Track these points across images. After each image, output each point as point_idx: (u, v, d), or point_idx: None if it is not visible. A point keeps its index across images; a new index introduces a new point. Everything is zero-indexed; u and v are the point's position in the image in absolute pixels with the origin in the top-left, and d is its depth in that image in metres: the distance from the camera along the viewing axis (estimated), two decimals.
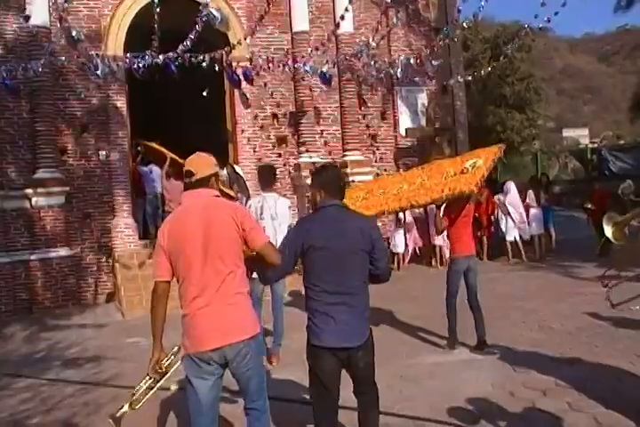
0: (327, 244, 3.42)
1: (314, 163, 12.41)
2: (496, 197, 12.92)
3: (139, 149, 12.03)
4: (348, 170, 12.54)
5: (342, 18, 11.40)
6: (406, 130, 13.67)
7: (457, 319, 6.49)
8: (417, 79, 13.69)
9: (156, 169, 12.00)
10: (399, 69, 13.00)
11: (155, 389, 3.48)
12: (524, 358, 5.87)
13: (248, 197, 7.03)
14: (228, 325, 3.29)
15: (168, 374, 3.48)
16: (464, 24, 11.82)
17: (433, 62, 12.66)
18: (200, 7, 9.52)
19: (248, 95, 12.40)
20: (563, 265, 11.27)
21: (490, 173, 6.76)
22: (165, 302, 3.43)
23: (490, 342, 6.32)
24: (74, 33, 10.76)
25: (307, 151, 12.63)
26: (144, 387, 3.47)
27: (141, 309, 9.79)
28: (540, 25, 10.55)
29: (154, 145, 11.07)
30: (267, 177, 6.55)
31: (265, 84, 12.52)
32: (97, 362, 6.99)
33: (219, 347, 3.26)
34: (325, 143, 13.05)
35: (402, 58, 12.73)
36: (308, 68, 11.61)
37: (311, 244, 3.43)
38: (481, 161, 6.38)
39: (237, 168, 11.64)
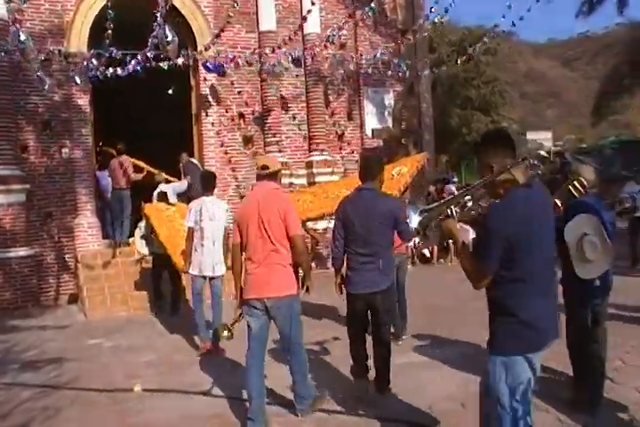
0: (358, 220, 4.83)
1: (282, 163, 12.39)
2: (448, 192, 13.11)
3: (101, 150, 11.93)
4: (314, 170, 12.54)
5: (305, 19, 11.38)
6: (372, 130, 13.72)
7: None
8: (383, 80, 13.78)
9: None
10: (367, 70, 13.08)
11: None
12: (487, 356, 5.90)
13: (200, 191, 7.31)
14: (266, 284, 4.48)
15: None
16: (436, 20, 11.86)
17: (399, 63, 12.73)
18: (155, 25, 9.25)
19: (215, 94, 12.28)
20: None
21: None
22: (240, 260, 4.68)
23: (457, 340, 6.38)
24: (32, 29, 10.51)
25: (274, 151, 12.57)
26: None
27: (104, 309, 9.67)
28: (505, 29, 10.68)
29: (134, 161, 11.16)
30: (207, 183, 7.16)
31: (232, 83, 12.43)
32: (57, 364, 6.80)
33: (258, 298, 4.49)
34: (292, 143, 13.02)
35: (368, 59, 12.78)
36: (272, 69, 11.60)
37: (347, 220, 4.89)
38: (406, 169, 7.08)
39: (194, 160, 11.64)
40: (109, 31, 8.90)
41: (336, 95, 13.50)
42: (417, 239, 4.98)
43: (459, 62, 12.69)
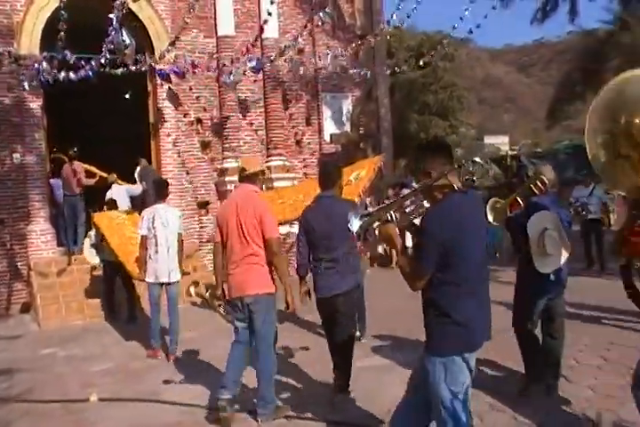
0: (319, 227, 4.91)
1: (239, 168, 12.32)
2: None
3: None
4: (273, 175, 12.50)
5: (265, 22, 11.36)
6: (331, 135, 13.75)
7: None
8: (342, 85, 13.84)
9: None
10: (325, 75, 13.13)
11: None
12: None
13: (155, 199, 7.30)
14: (244, 283, 4.66)
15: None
16: (398, 24, 12.03)
17: (357, 69, 12.81)
18: (110, 28, 9.12)
19: (173, 98, 12.17)
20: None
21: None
22: (220, 257, 4.89)
23: (417, 343, 6.39)
24: None
25: (232, 156, 12.50)
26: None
27: (59, 318, 9.47)
28: (463, 35, 10.84)
29: (86, 166, 11.02)
30: (160, 190, 7.22)
31: (190, 88, 12.32)
32: (7, 376, 6.62)
33: (238, 296, 4.68)
34: (250, 148, 12.96)
35: (327, 64, 12.82)
36: (229, 78, 11.57)
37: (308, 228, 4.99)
38: (363, 172, 7.10)
39: (150, 167, 11.55)
40: (62, 33, 8.74)
41: (294, 100, 13.50)
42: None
43: (422, 63, 12.76)
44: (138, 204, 10.12)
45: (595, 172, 3.48)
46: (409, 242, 5.25)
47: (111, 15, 8.92)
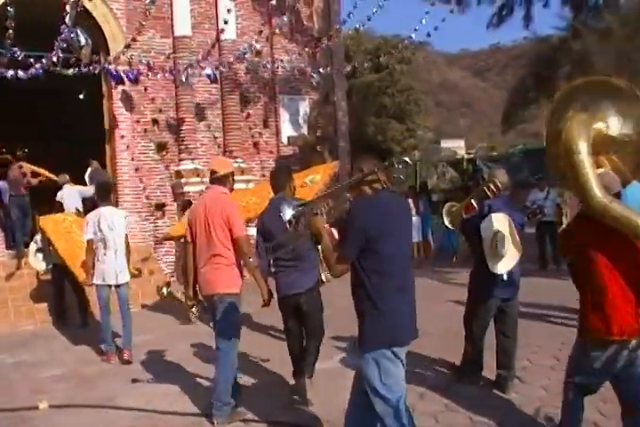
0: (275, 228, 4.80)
1: (195, 170, 12.22)
2: None
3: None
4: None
5: (225, 22, 11.31)
6: (288, 138, 13.74)
7: None
8: (299, 88, 13.85)
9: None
10: (282, 77, 13.11)
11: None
12: None
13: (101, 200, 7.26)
14: (212, 282, 4.75)
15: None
16: (357, 26, 12.19)
17: (315, 71, 12.82)
18: (63, 26, 8.93)
19: (128, 99, 11.99)
20: (440, 271, 11.65)
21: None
22: (190, 257, 4.94)
23: None
24: None
25: (188, 158, 12.38)
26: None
27: (8, 323, 9.22)
28: (420, 40, 10.97)
29: (32, 167, 10.81)
30: (104, 193, 7.21)
31: (145, 89, 12.16)
32: None
33: (206, 295, 4.84)
34: (207, 150, 12.86)
35: (285, 66, 12.81)
36: (186, 78, 11.46)
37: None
38: (318, 176, 7.22)
39: (101, 169, 11.37)
40: (10, 31, 8.53)
41: (252, 102, 13.45)
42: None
43: (380, 62, 12.81)
44: (89, 206, 9.93)
45: (549, 175, 3.61)
46: None
47: (64, 13, 8.74)
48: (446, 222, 5.68)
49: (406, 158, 3.33)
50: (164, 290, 7.87)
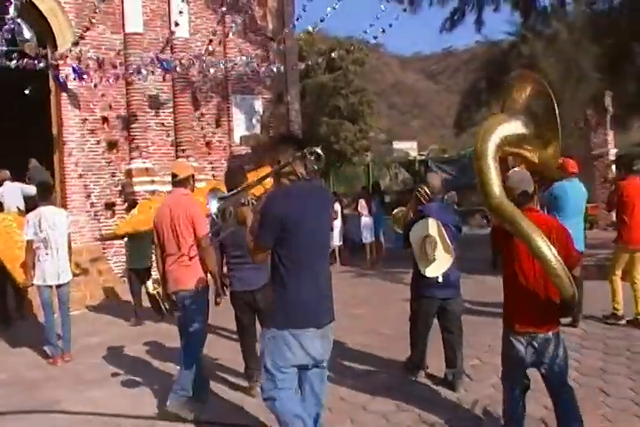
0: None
1: (146, 169, 12.04)
2: None
3: None
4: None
5: (177, 24, 11.19)
6: (241, 137, 13.68)
7: None
8: (252, 87, 13.78)
9: None
10: (235, 77, 13.02)
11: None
12: (353, 363, 6.00)
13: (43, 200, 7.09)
14: (178, 280, 4.93)
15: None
16: (310, 29, 12.19)
17: (268, 71, 12.78)
18: (7, 17, 8.68)
19: (77, 96, 11.73)
20: (391, 272, 11.72)
21: None
22: (159, 259, 5.12)
23: None
24: None
25: (139, 157, 12.19)
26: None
27: None
28: (374, 38, 11.07)
29: None
30: (44, 192, 7.14)
31: (95, 86, 11.88)
32: None
33: (174, 291, 4.95)
34: (159, 149, 12.69)
35: (238, 65, 12.73)
36: (142, 73, 11.28)
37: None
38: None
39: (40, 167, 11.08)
40: None
41: (204, 101, 13.33)
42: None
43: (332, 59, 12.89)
44: (31, 205, 9.64)
45: None
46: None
47: (7, 3, 8.48)
48: (396, 227, 5.81)
49: (318, 149, 3.35)
50: (150, 286, 7.91)
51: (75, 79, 11.30)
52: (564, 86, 10.87)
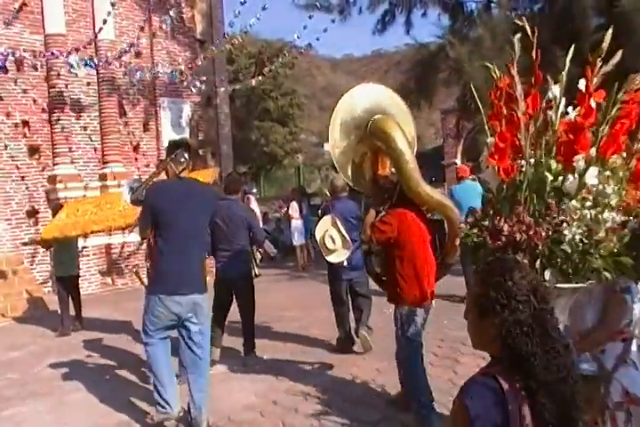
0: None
1: (72, 175, 11.69)
2: None
3: None
4: (108, 182, 11.99)
5: (105, 22, 10.87)
6: (169, 142, 13.42)
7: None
8: (181, 91, 13.58)
9: None
10: (163, 80, 12.80)
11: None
12: (286, 366, 6.00)
13: None
14: None
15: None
16: (238, 35, 12.15)
17: (196, 74, 12.63)
18: None
19: None
20: (322, 274, 11.70)
21: None
22: None
23: (264, 348, 6.43)
24: None
25: (63, 162, 11.81)
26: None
27: None
28: (306, 43, 11.06)
29: None
30: None
31: (14, 88, 11.46)
32: None
33: None
34: (84, 154, 12.33)
35: (165, 68, 12.51)
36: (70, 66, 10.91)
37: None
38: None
39: None
40: None
41: (131, 105, 13.03)
42: None
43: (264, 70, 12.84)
44: None
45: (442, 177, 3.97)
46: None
47: None
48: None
49: (185, 153, 4.49)
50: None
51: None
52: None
